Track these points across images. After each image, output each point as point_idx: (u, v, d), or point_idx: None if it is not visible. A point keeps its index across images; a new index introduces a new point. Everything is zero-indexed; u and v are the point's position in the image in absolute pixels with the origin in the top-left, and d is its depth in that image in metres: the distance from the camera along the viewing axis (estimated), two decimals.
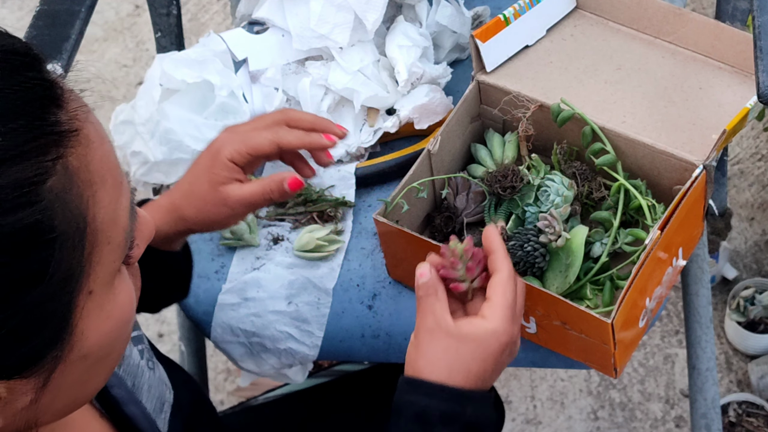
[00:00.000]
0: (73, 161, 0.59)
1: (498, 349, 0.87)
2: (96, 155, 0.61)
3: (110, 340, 0.64)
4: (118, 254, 0.63)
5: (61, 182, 0.58)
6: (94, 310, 0.62)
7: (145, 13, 2.57)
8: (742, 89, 1.14)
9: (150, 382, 0.87)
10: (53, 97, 0.59)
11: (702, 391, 1.34)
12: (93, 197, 0.60)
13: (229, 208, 1.04)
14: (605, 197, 1.11)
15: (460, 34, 1.31)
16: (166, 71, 1.22)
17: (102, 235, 0.61)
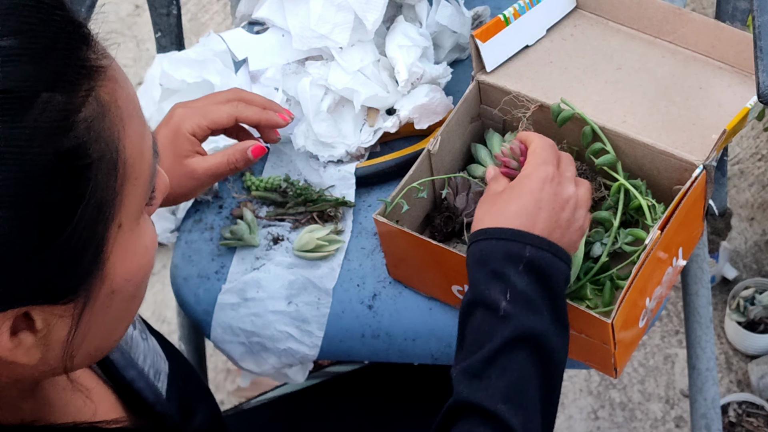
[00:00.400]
0: (103, 94, 0.62)
1: (531, 186, 0.95)
2: (123, 91, 0.64)
3: (136, 279, 0.67)
4: (144, 190, 0.66)
5: (94, 112, 0.61)
6: (122, 244, 0.65)
7: (145, 13, 2.57)
8: (742, 89, 1.14)
9: (144, 352, 0.89)
10: (82, 36, 0.62)
11: (702, 391, 1.34)
12: (123, 130, 0.63)
13: (196, 180, 1.09)
14: (605, 197, 1.11)
15: (460, 34, 1.31)
16: (166, 71, 1.22)
17: (131, 169, 0.64)
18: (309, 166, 1.26)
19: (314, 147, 1.24)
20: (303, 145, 1.24)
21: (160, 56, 1.27)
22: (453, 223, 1.15)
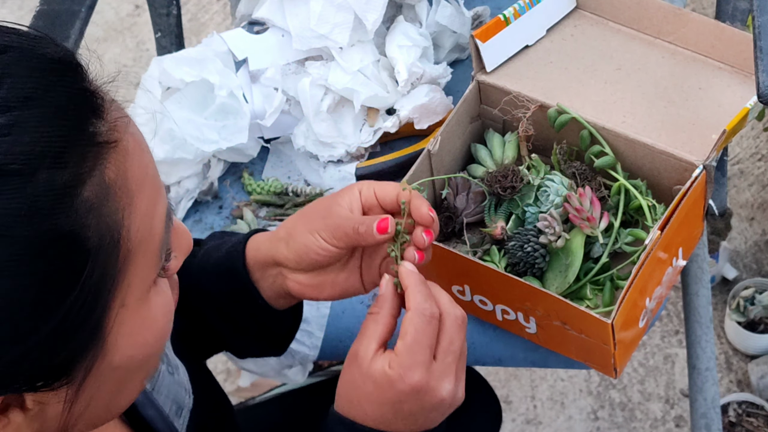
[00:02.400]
0: (110, 172, 0.59)
1: (394, 397, 0.80)
2: (134, 164, 0.61)
3: (144, 353, 0.64)
4: (154, 266, 0.63)
5: (97, 193, 0.58)
6: (127, 322, 0.62)
7: (145, 13, 2.57)
8: (742, 89, 1.14)
9: (169, 386, 0.86)
10: (94, 107, 0.59)
11: (702, 391, 1.34)
12: (129, 207, 0.60)
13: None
14: (605, 197, 1.11)
15: (460, 34, 1.31)
16: (165, 70, 1.22)
17: (137, 246, 0.61)
18: (309, 166, 1.26)
19: (314, 147, 1.24)
20: (303, 145, 1.24)
21: (157, 59, 1.27)
22: (453, 223, 1.15)
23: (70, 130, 0.57)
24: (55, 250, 0.56)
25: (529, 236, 1.07)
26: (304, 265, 0.89)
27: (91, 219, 0.57)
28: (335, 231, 0.87)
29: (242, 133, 1.21)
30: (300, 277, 0.90)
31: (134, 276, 0.61)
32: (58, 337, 0.57)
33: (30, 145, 0.55)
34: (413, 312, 0.81)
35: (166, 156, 1.20)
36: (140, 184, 0.61)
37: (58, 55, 0.60)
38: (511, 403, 1.92)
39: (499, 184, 1.11)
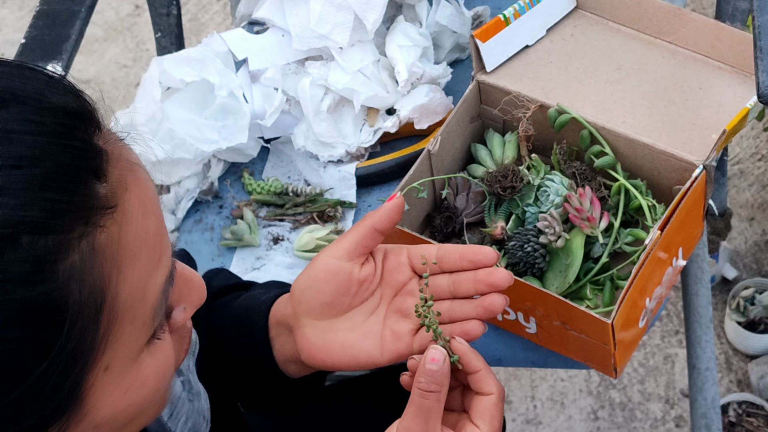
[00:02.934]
0: (101, 238, 0.56)
1: None
2: (131, 231, 0.58)
3: (131, 412, 0.62)
4: (144, 331, 0.61)
5: (83, 260, 0.55)
6: (110, 384, 0.60)
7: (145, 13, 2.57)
8: (742, 89, 1.14)
9: (188, 414, 0.84)
10: (94, 169, 0.57)
11: (702, 391, 1.34)
12: (118, 275, 0.57)
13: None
14: (605, 197, 1.11)
15: (460, 34, 1.31)
16: (165, 69, 1.22)
17: (124, 313, 0.58)
18: (309, 166, 1.26)
19: (314, 147, 1.24)
20: (303, 145, 1.24)
21: (157, 59, 1.27)
22: (453, 223, 1.15)
23: (64, 194, 0.55)
24: (29, 318, 0.53)
25: (529, 236, 1.07)
26: (309, 299, 0.85)
27: (72, 287, 0.54)
28: (347, 243, 0.85)
29: (242, 133, 1.21)
30: (308, 332, 0.85)
31: (120, 342, 0.59)
32: (27, 402, 0.55)
33: (13, 210, 0.53)
34: (498, 397, 0.78)
35: (166, 156, 1.20)
36: (135, 251, 0.58)
37: (69, 107, 0.57)
38: (511, 403, 1.92)
39: (499, 184, 1.11)
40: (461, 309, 0.83)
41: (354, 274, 0.85)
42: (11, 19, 2.67)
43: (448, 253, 0.84)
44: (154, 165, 1.22)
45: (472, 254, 0.82)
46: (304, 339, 0.86)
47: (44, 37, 1.18)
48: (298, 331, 0.86)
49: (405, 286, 0.86)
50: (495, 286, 0.81)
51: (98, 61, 2.55)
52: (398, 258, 0.86)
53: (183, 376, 0.86)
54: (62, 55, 1.15)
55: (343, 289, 0.85)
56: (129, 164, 0.60)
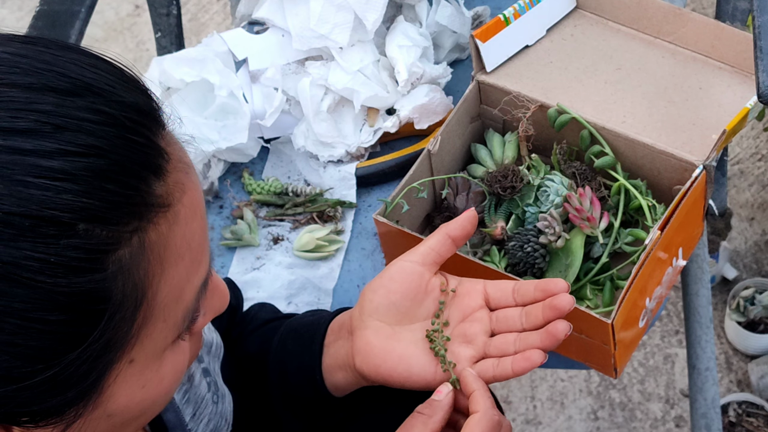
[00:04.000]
0: (152, 236, 0.57)
1: None
2: (180, 233, 0.59)
3: (143, 406, 0.63)
4: (173, 332, 0.62)
5: (132, 255, 0.56)
6: (131, 377, 0.61)
7: (145, 13, 2.57)
8: (742, 89, 1.14)
9: (210, 415, 0.85)
10: (155, 167, 0.58)
11: (702, 391, 1.34)
12: (161, 274, 0.58)
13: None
14: (605, 197, 1.11)
15: (460, 34, 1.31)
16: (165, 69, 1.22)
17: (159, 312, 0.59)
18: (309, 166, 1.26)
19: (314, 147, 1.24)
20: (303, 145, 1.24)
21: (157, 59, 1.27)
22: None
23: (124, 187, 0.56)
24: (73, 305, 0.55)
25: (529, 236, 1.07)
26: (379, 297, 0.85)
27: (118, 279, 0.56)
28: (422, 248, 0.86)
29: (242, 133, 1.21)
30: (369, 333, 0.86)
31: (149, 338, 0.60)
32: (54, 384, 0.56)
33: (76, 197, 0.54)
34: (482, 414, 0.79)
35: None
36: (180, 254, 0.59)
37: (138, 104, 0.58)
38: (511, 403, 1.92)
39: (499, 184, 1.11)
40: (527, 339, 0.84)
41: (425, 278, 0.86)
42: (11, 19, 2.67)
43: (524, 286, 0.85)
44: None
45: (544, 284, 0.84)
46: (364, 339, 0.86)
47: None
48: (360, 332, 0.86)
49: (473, 313, 0.87)
50: (559, 309, 0.82)
51: None
52: (474, 285, 0.88)
53: (210, 377, 0.86)
54: None
55: (412, 291, 0.86)
56: (185, 167, 0.61)
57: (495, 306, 0.87)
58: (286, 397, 0.94)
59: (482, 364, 0.84)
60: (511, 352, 0.83)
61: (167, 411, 0.81)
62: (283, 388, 0.94)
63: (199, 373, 0.84)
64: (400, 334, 0.86)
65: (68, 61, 0.58)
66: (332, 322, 0.92)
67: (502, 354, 0.84)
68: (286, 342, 0.94)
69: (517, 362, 0.82)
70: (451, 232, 0.87)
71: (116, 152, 0.56)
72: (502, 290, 0.87)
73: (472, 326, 0.86)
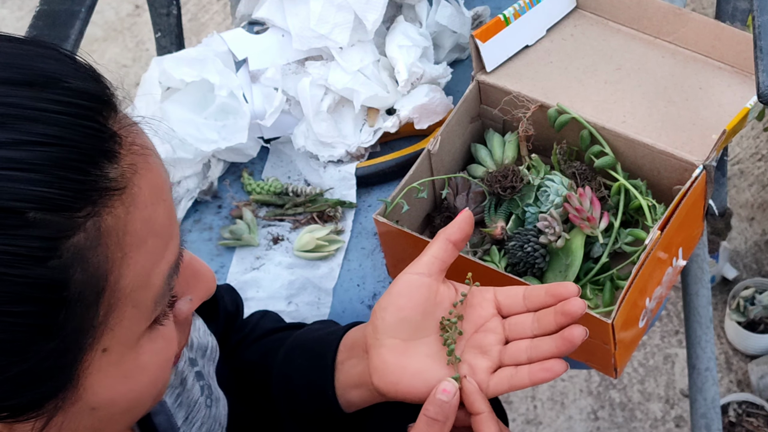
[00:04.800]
0: (108, 220, 0.57)
1: None
2: (139, 216, 0.58)
3: (130, 398, 0.63)
4: (145, 317, 0.61)
5: (88, 240, 0.56)
6: (108, 367, 0.60)
7: (145, 13, 2.57)
8: (742, 89, 1.14)
9: (203, 419, 0.84)
10: (107, 151, 0.57)
11: (702, 391, 1.34)
12: (123, 259, 0.58)
13: None
14: (605, 197, 1.11)
15: (460, 34, 1.31)
16: (165, 69, 1.22)
17: (126, 298, 0.59)
18: (309, 166, 1.26)
19: (314, 147, 1.24)
20: (303, 145, 1.24)
21: (157, 59, 1.27)
22: None
23: (75, 173, 0.55)
24: (32, 294, 0.54)
25: (529, 236, 1.07)
26: (390, 315, 0.85)
27: (75, 266, 0.55)
28: (425, 259, 0.86)
29: (242, 133, 1.21)
30: (384, 351, 0.85)
31: (120, 326, 0.59)
32: (29, 377, 0.56)
33: (27, 186, 0.54)
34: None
35: (166, 156, 1.20)
36: (141, 238, 0.59)
37: (89, 91, 0.58)
38: (511, 403, 1.92)
39: (499, 184, 1.11)
40: (541, 345, 0.83)
41: (433, 289, 0.85)
42: (11, 19, 2.67)
43: (534, 291, 0.85)
44: None
45: (555, 288, 0.83)
46: (380, 358, 0.85)
47: (44, 37, 1.18)
48: (375, 350, 0.85)
49: (486, 323, 0.86)
50: (570, 314, 0.81)
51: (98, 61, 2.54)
52: (483, 294, 0.87)
53: (203, 381, 0.85)
54: None
55: (422, 304, 0.85)
56: (142, 149, 0.61)
57: (506, 313, 0.86)
58: (293, 411, 0.93)
59: (499, 374, 0.83)
60: (524, 360, 0.83)
61: (158, 414, 0.80)
62: (289, 402, 0.93)
63: (192, 377, 0.84)
64: (415, 349, 0.85)
65: (17, 52, 0.58)
66: (343, 338, 0.91)
67: (515, 362, 0.83)
68: (293, 356, 0.93)
69: (535, 373, 0.81)
70: (451, 237, 0.87)
71: (66, 138, 0.56)
72: (513, 296, 0.86)
73: (486, 337, 0.85)
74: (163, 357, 0.64)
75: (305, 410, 0.92)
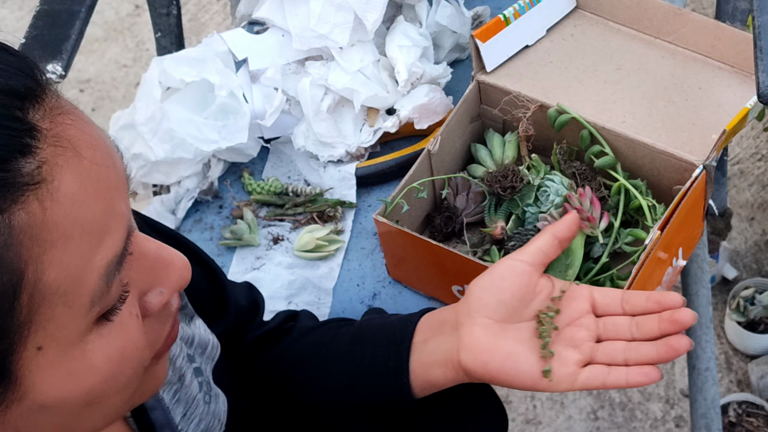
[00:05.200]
0: (21, 215, 0.54)
1: None
2: (61, 212, 0.56)
3: (82, 396, 0.61)
4: (82, 314, 0.59)
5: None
6: (48, 365, 0.58)
7: (145, 13, 2.57)
8: (742, 89, 1.14)
9: (202, 415, 0.84)
10: (20, 146, 0.55)
11: (702, 391, 1.34)
12: (42, 256, 0.55)
13: None
14: (605, 197, 1.11)
15: (460, 34, 1.31)
16: (165, 69, 1.22)
17: (54, 296, 0.57)
18: (309, 166, 1.26)
19: (314, 147, 1.24)
20: (303, 145, 1.24)
21: (157, 59, 1.27)
22: (453, 223, 1.15)
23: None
24: None
25: (529, 236, 1.07)
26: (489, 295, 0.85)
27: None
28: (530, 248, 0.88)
29: (242, 132, 1.21)
30: (478, 330, 0.85)
31: (53, 324, 0.57)
32: None
33: None
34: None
35: (166, 156, 1.20)
36: (66, 234, 0.56)
37: (6, 86, 0.57)
38: (511, 403, 1.92)
39: (499, 184, 1.11)
40: (641, 349, 0.83)
41: (534, 278, 0.87)
42: (11, 19, 2.67)
43: (634, 296, 0.85)
44: (153, 165, 1.22)
45: (659, 297, 0.84)
46: (472, 336, 0.85)
47: (44, 37, 1.18)
48: (467, 328, 0.86)
49: (580, 318, 0.87)
50: (681, 324, 0.82)
51: (98, 61, 2.55)
52: (580, 291, 0.88)
53: (202, 377, 0.85)
54: (62, 55, 1.15)
55: (522, 291, 0.86)
56: (71, 142, 0.58)
57: (602, 313, 0.87)
58: (352, 402, 0.93)
59: (593, 368, 0.84)
60: (620, 360, 0.83)
61: (155, 409, 0.79)
62: (350, 390, 0.92)
63: (191, 373, 0.83)
64: (509, 332, 0.86)
65: None
66: (422, 319, 0.91)
67: (610, 361, 0.84)
68: (363, 339, 0.92)
69: (633, 375, 0.82)
70: (558, 234, 0.89)
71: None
72: (611, 297, 0.87)
73: (579, 331, 0.86)
74: (118, 353, 0.62)
75: (368, 399, 0.91)
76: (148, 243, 0.64)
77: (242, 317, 1.00)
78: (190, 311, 0.86)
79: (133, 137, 1.23)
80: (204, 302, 0.89)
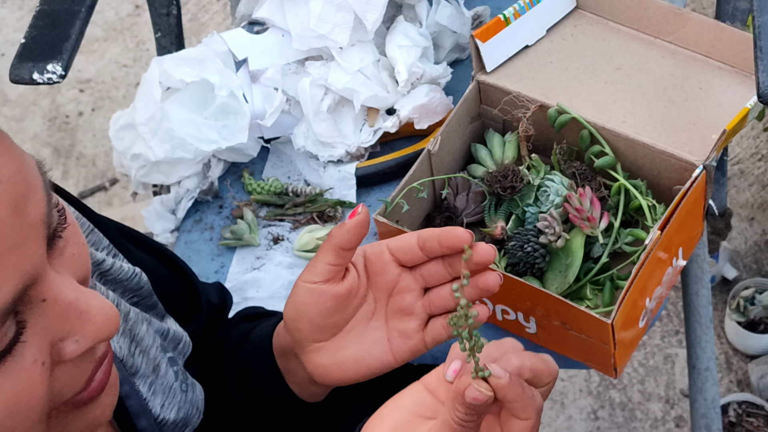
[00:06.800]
0: None
1: None
2: None
3: None
4: None
5: None
6: None
7: (145, 13, 2.57)
8: (742, 89, 1.14)
9: (180, 404, 0.84)
10: None
11: (702, 391, 1.34)
12: None
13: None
14: (605, 197, 1.11)
15: (460, 34, 1.31)
16: (165, 69, 1.22)
17: None
18: (309, 166, 1.26)
19: (314, 147, 1.24)
20: (303, 145, 1.24)
21: (157, 59, 1.27)
22: (453, 223, 1.15)
23: None
24: None
25: (529, 236, 1.07)
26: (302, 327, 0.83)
27: None
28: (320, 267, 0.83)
29: (242, 133, 1.21)
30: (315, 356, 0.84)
31: None
32: None
33: None
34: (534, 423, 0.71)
35: (166, 156, 1.20)
36: None
37: None
38: None
39: (499, 184, 1.11)
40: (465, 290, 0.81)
41: (337, 291, 0.83)
42: (11, 19, 2.67)
43: (429, 241, 0.82)
44: (153, 165, 1.22)
45: (446, 239, 0.80)
46: (313, 363, 0.85)
47: (44, 37, 1.18)
48: (306, 357, 0.85)
49: (397, 285, 0.85)
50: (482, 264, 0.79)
51: (98, 61, 2.55)
52: (381, 258, 0.85)
53: (177, 366, 0.86)
54: (62, 55, 1.15)
55: (330, 310, 0.84)
56: None
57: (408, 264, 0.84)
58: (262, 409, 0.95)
59: (432, 325, 0.83)
60: (453, 306, 0.81)
61: (129, 398, 0.79)
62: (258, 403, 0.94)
63: (165, 362, 0.84)
64: (342, 341, 0.85)
65: None
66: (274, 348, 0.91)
67: (445, 310, 0.83)
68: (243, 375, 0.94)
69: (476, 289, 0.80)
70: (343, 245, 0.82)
71: None
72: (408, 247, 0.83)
73: (403, 298, 0.84)
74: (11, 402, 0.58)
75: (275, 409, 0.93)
76: (66, 290, 0.60)
77: (214, 315, 1.01)
78: (161, 311, 0.86)
79: (133, 137, 1.23)
80: (176, 303, 0.90)
